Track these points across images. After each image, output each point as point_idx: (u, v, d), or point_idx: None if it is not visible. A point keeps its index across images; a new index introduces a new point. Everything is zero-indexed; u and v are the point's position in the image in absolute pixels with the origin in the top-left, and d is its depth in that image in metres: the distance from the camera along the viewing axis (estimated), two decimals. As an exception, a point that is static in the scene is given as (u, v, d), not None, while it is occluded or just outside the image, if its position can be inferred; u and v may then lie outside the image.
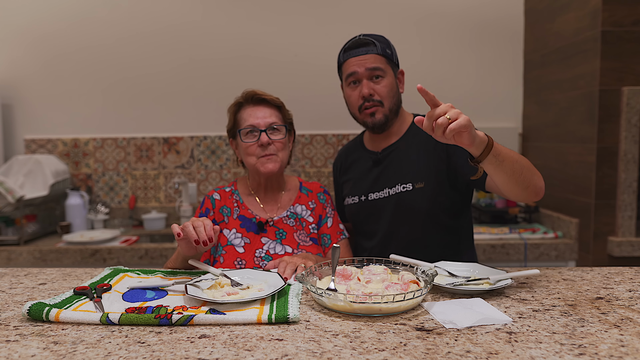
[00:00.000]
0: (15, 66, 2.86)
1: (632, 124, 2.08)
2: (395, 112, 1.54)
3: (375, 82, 1.49)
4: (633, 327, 0.91)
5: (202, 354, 0.81)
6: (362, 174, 1.62)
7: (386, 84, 1.49)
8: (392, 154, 1.56)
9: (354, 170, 1.66)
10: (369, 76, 1.49)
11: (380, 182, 1.56)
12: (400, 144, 1.56)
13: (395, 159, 1.55)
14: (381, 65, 1.48)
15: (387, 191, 1.53)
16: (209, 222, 1.23)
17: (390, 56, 1.51)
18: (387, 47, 1.51)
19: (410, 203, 1.50)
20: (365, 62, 1.48)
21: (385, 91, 1.49)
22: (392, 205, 1.52)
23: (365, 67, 1.48)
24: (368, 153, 1.62)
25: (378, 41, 1.50)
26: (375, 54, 1.48)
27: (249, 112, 1.52)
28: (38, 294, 1.17)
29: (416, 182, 1.50)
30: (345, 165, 1.71)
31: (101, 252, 2.32)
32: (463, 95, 2.81)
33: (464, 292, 1.12)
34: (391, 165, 1.55)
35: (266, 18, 2.82)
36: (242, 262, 1.45)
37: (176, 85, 2.85)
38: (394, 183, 1.53)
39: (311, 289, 1.02)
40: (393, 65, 1.53)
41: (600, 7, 2.06)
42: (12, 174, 2.61)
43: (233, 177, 2.89)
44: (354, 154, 1.69)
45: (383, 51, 1.49)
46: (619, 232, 2.13)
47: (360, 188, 1.60)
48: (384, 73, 1.49)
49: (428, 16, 2.80)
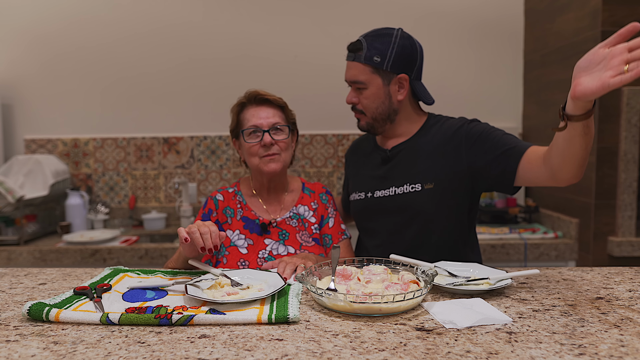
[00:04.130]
0: (15, 66, 2.86)
1: (632, 124, 2.08)
2: (387, 119, 1.50)
3: (359, 92, 1.49)
4: (633, 327, 0.91)
5: (202, 354, 0.81)
6: (369, 170, 1.59)
7: (368, 95, 1.47)
8: (402, 152, 1.53)
9: (362, 165, 1.64)
10: (353, 87, 1.50)
11: (387, 180, 1.53)
12: (410, 143, 1.53)
13: (405, 158, 1.52)
14: (362, 77, 1.45)
15: (393, 190, 1.50)
16: (215, 229, 1.22)
17: (379, 64, 1.43)
18: (378, 53, 1.43)
19: (418, 204, 1.47)
20: (348, 72, 1.49)
21: (366, 102, 1.48)
22: (398, 204, 1.50)
23: (348, 79, 1.50)
24: (377, 149, 1.60)
25: (371, 46, 1.44)
26: (359, 63, 1.46)
27: (252, 112, 1.51)
28: (38, 294, 1.17)
29: (426, 183, 1.46)
30: (355, 158, 1.70)
31: (101, 252, 2.32)
32: (463, 95, 2.81)
33: (464, 292, 1.12)
34: (400, 164, 1.52)
35: (266, 18, 2.82)
36: (245, 263, 1.45)
37: (176, 85, 2.85)
38: (401, 182, 1.50)
39: (311, 289, 1.02)
40: (383, 73, 1.45)
41: (600, 7, 2.06)
42: (12, 174, 2.61)
43: (233, 177, 2.89)
44: (366, 148, 1.66)
45: (369, 59, 1.44)
46: (619, 232, 2.13)
47: (367, 185, 1.57)
48: (366, 85, 1.46)
49: (428, 16, 2.79)
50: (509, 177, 1.35)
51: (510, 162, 1.33)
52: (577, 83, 1.01)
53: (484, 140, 1.40)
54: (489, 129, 1.43)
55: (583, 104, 1.04)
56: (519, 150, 1.32)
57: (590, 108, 1.05)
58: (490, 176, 1.40)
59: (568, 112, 1.07)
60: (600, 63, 0.98)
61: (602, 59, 0.98)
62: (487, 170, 1.40)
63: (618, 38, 0.97)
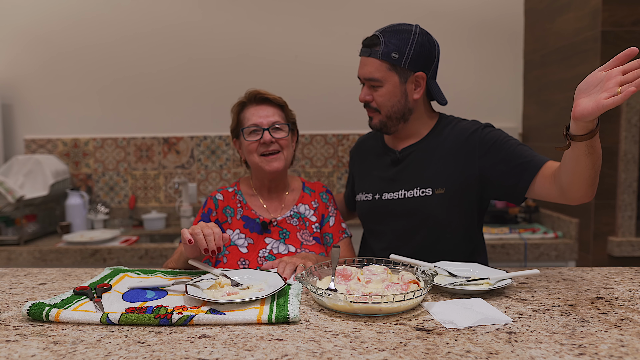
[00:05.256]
0: (15, 66, 2.86)
1: (632, 124, 2.08)
2: (400, 118, 1.46)
3: (373, 90, 1.44)
4: (633, 327, 0.91)
5: (202, 354, 0.81)
6: (378, 171, 1.56)
7: (383, 92, 1.42)
8: (412, 154, 1.49)
9: (370, 164, 1.60)
10: (367, 84, 1.45)
11: (396, 183, 1.49)
12: (421, 146, 1.49)
13: (416, 161, 1.48)
14: (378, 74, 1.41)
15: (402, 193, 1.47)
16: (219, 231, 1.23)
17: (397, 61, 1.39)
18: (396, 49, 1.39)
19: (428, 209, 1.43)
20: (363, 68, 1.44)
21: (381, 100, 1.43)
22: (407, 208, 1.46)
23: (363, 76, 1.44)
24: (387, 150, 1.55)
25: (388, 42, 1.39)
26: (375, 59, 1.41)
27: (252, 111, 1.52)
28: (38, 294, 1.17)
29: (437, 188, 1.43)
30: (362, 157, 1.65)
31: (101, 252, 2.32)
32: (463, 95, 2.81)
33: (464, 292, 1.12)
34: (410, 167, 1.48)
35: (266, 18, 2.82)
36: (245, 262, 1.45)
37: (176, 85, 2.86)
38: (412, 186, 1.46)
39: (311, 289, 1.02)
40: (400, 70, 1.41)
41: (600, 7, 2.06)
42: (12, 174, 2.61)
43: (233, 177, 2.90)
44: (373, 147, 1.62)
45: (386, 55, 1.39)
46: (619, 232, 2.13)
47: (375, 186, 1.54)
48: (382, 82, 1.41)
49: (428, 16, 2.79)
50: (520, 191, 1.33)
51: (524, 176, 1.31)
52: (576, 104, 1.05)
53: (498, 149, 1.37)
54: (504, 137, 1.40)
55: (584, 125, 1.06)
56: (535, 166, 1.30)
57: (592, 128, 1.07)
58: (502, 187, 1.38)
59: (571, 132, 1.10)
60: (598, 85, 1.02)
61: (599, 81, 1.02)
62: (499, 181, 1.38)
63: (615, 62, 1.02)
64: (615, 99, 0.97)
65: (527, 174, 1.31)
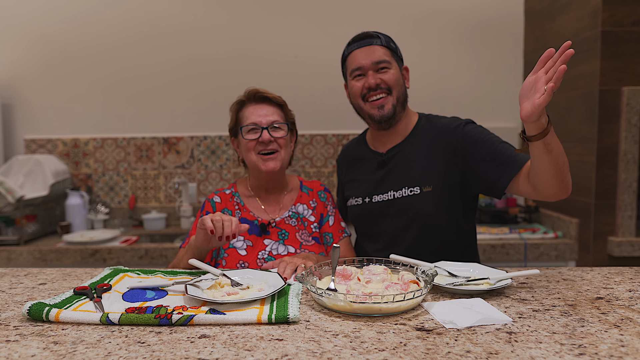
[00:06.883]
0: (15, 66, 2.86)
1: (632, 124, 2.08)
2: (403, 104, 1.52)
3: (382, 72, 1.48)
4: (633, 327, 0.91)
5: (202, 354, 0.81)
6: (365, 175, 1.59)
7: (393, 73, 1.49)
8: (398, 155, 1.53)
9: (358, 170, 1.63)
10: (375, 69, 1.48)
11: (384, 185, 1.53)
12: (406, 145, 1.53)
13: (402, 161, 1.52)
14: (386, 57, 1.48)
15: (392, 194, 1.51)
16: (236, 220, 1.27)
17: (395, 50, 1.52)
18: (391, 41, 1.53)
19: (417, 207, 1.47)
20: (370, 55, 1.48)
21: (393, 79, 1.48)
22: (397, 208, 1.50)
23: (372, 61, 1.47)
24: (372, 153, 1.59)
25: (383, 36, 1.51)
26: (380, 46, 1.49)
27: (251, 110, 1.52)
28: (38, 294, 1.17)
29: (424, 186, 1.47)
30: (348, 164, 1.68)
31: (101, 252, 2.32)
32: (463, 95, 2.81)
33: (464, 292, 1.12)
34: (397, 167, 1.52)
35: (266, 18, 2.82)
36: (244, 265, 1.45)
37: (176, 85, 2.86)
38: (400, 186, 1.50)
39: (311, 289, 1.02)
40: (398, 59, 1.53)
41: (600, 7, 2.06)
42: (12, 174, 2.61)
43: (233, 177, 2.89)
44: (358, 153, 1.65)
45: (387, 44, 1.50)
46: (619, 232, 2.13)
47: (364, 190, 1.57)
48: (390, 65, 1.48)
49: (427, 16, 2.80)
50: (499, 189, 1.39)
51: (505, 174, 1.36)
52: (520, 109, 1.15)
53: (480, 146, 1.42)
54: (485, 135, 1.44)
55: (534, 125, 1.15)
56: (516, 165, 1.36)
57: (544, 127, 1.15)
58: (483, 182, 1.42)
59: (527, 134, 1.19)
60: (532, 88, 1.13)
61: (532, 85, 1.13)
62: (480, 177, 1.42)
63: (540, 64, 1.13)
64: (544, 97, 1.08)
65: (507, 173, 1.37)
